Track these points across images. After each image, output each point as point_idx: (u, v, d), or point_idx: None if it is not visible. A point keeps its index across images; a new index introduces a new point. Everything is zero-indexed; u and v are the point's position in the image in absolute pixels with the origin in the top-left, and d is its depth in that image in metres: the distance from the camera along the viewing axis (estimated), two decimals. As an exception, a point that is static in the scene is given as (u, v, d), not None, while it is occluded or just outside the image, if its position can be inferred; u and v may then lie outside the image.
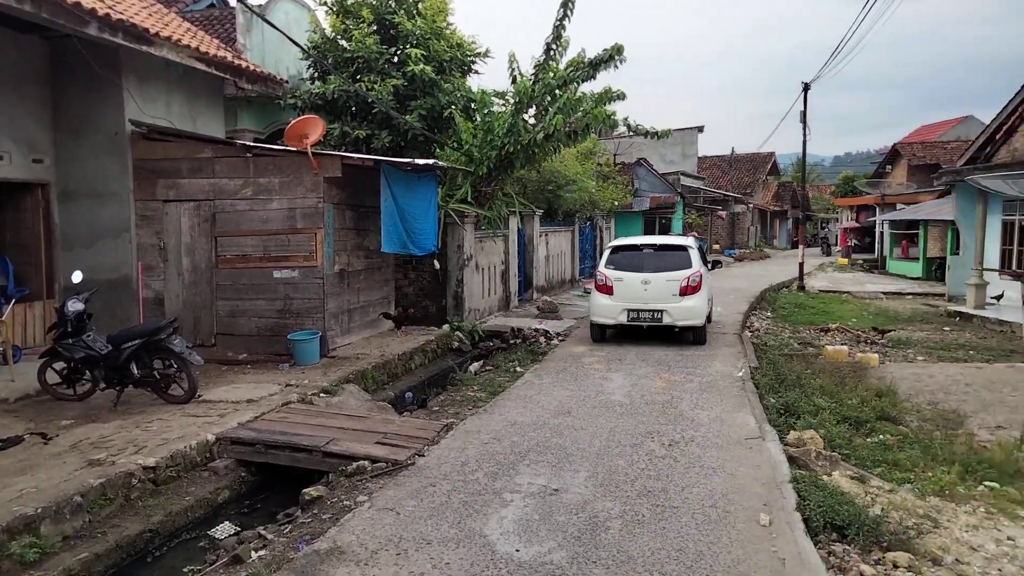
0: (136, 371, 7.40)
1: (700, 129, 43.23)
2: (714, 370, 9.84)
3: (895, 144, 37.16)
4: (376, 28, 14.06)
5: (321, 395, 8.26)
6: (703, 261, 12.74)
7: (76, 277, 7.88)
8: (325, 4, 14.46)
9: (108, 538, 5.00)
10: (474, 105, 14.18)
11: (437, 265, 13.13)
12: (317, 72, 14.36)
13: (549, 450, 6.41)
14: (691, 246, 12.27)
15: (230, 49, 12.01)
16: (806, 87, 22.94)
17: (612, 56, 13.47)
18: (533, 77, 13.70)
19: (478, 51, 15.26)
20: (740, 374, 9.51)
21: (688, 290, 11.53)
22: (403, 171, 11.08)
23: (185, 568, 4.86)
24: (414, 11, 14.41)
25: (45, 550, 4.67)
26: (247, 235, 10.06)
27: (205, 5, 17.65)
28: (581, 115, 13.02)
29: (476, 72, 15.46)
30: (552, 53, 13.78)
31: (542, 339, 12.63)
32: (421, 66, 13.38)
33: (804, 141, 23.54)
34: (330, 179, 10.06)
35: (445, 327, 12.66)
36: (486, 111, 13.93)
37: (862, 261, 33.60)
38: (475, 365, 11.17)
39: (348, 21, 14.16)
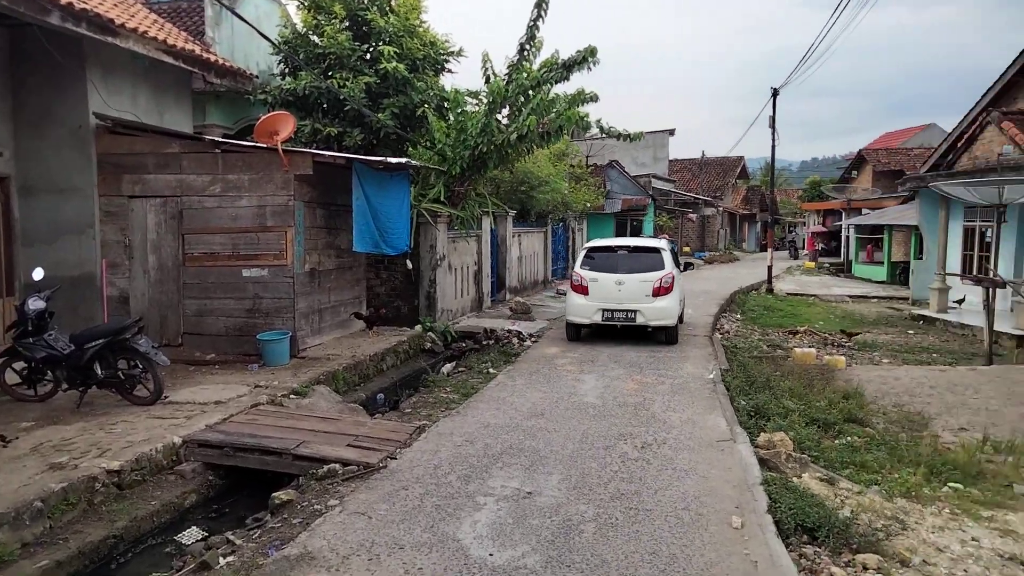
0: (100, 371, 7.23)
1: (671, 132, 43.60)
2: (686, 372, 9.92)
3: (861, 150, 37.84)
4: (348, 24, 13.93)
5: (291, 396, 8.13)
6: (676, 263, 12.91)
7: (37, 274, 7.65)
8: (297, -1, 14.30)
9: (70, 545, 4.85)
10: (447, 104, 14.13)
11: (409, 265, 13.04)
12: (288, 68, 14.20)
13: (522, 452, 6.39)
14: (664, 248, 12.44)
15: (198, 42, 11.76)
16: (775, 92, 23.30)
17: (586, 58, 13.48)
18: (507, 77, 13.66)
19: (451, 50, 15.21)
20: (711, 376, 9.60)
21: (661, 291, 11.68)
22: (375, 170, 10.98)
23: (151, 575, 4.74)
24: (387, 8, 14.32)
25: (3, 558, 4.53)
26: (215, 233, 9.87)
27: (173, -3, 17.28)
28: (554, 116, 13.02)
29: (449, 71, 15.43)
30: (526, 54, 13.75)
31: (515, 340, 12.62)
32: (394, 64, 13.29)
33: (773, 146, 23.86)
34: (301, 177, 9.92)
35: (417, 328, 12.58)
36: (459, 110, 13.89)
37: (829, 265, 34.21)
38: (448, 366, 11.12)
39: (320, 17, 14.02)
